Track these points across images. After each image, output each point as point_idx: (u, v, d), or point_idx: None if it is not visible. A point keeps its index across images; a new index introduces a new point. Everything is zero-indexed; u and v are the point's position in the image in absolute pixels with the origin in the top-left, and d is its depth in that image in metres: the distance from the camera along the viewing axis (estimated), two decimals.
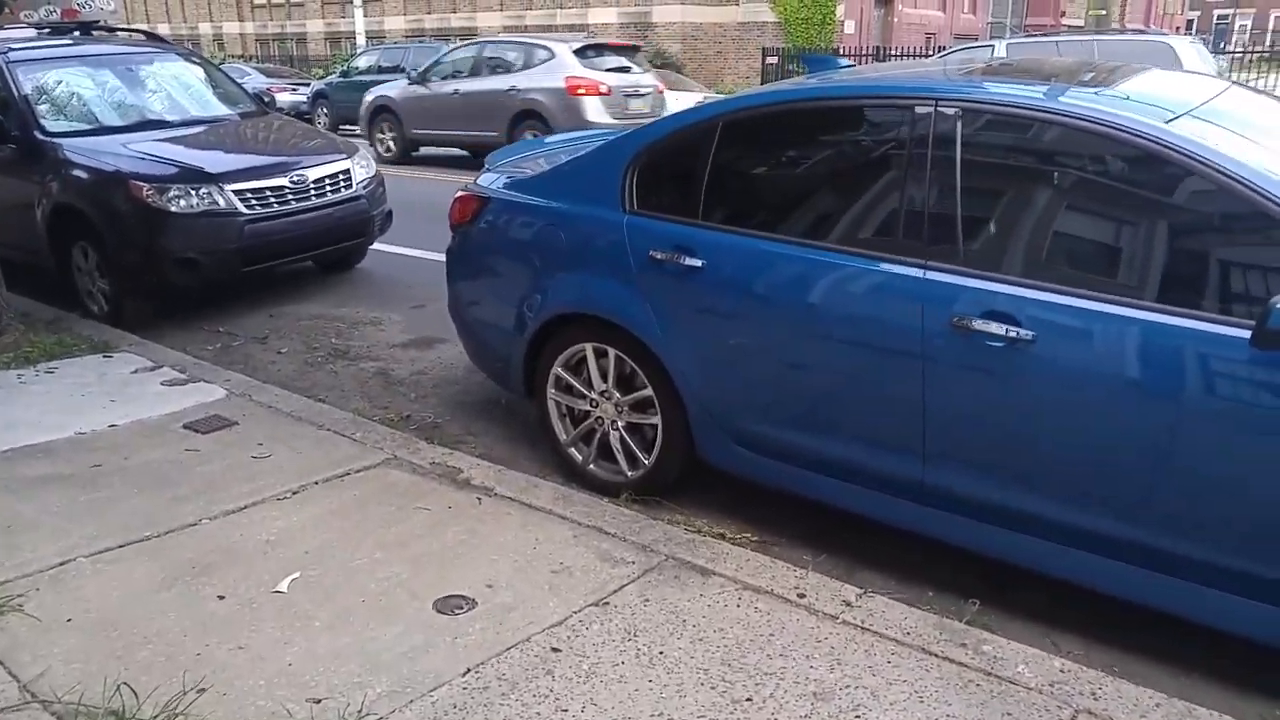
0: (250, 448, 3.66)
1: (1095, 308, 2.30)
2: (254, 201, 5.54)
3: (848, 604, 2.57)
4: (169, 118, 6.28)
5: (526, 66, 12.16)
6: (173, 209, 5.30)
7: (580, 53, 12.00)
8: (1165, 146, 2.26)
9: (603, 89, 11.64)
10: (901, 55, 20.02)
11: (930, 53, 20.90)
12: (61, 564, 2.77)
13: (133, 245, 5.38)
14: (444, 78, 13.06)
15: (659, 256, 3.06)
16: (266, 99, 7.53)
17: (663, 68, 19.73)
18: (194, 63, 7.15)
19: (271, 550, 2.88)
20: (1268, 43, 19.85)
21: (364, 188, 6.18)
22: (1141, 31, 11.53)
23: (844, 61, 3.28)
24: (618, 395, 3.35)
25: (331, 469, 3.47)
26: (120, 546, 2.88)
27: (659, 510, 3.30)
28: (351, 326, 5.67)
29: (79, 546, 2.87)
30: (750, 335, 2.91)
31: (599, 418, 3.43)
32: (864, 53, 21.75)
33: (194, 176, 5.43)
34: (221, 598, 2.61)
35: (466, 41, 15.44)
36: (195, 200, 5.36)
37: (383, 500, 3.23)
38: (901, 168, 2.65)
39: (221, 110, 6.67)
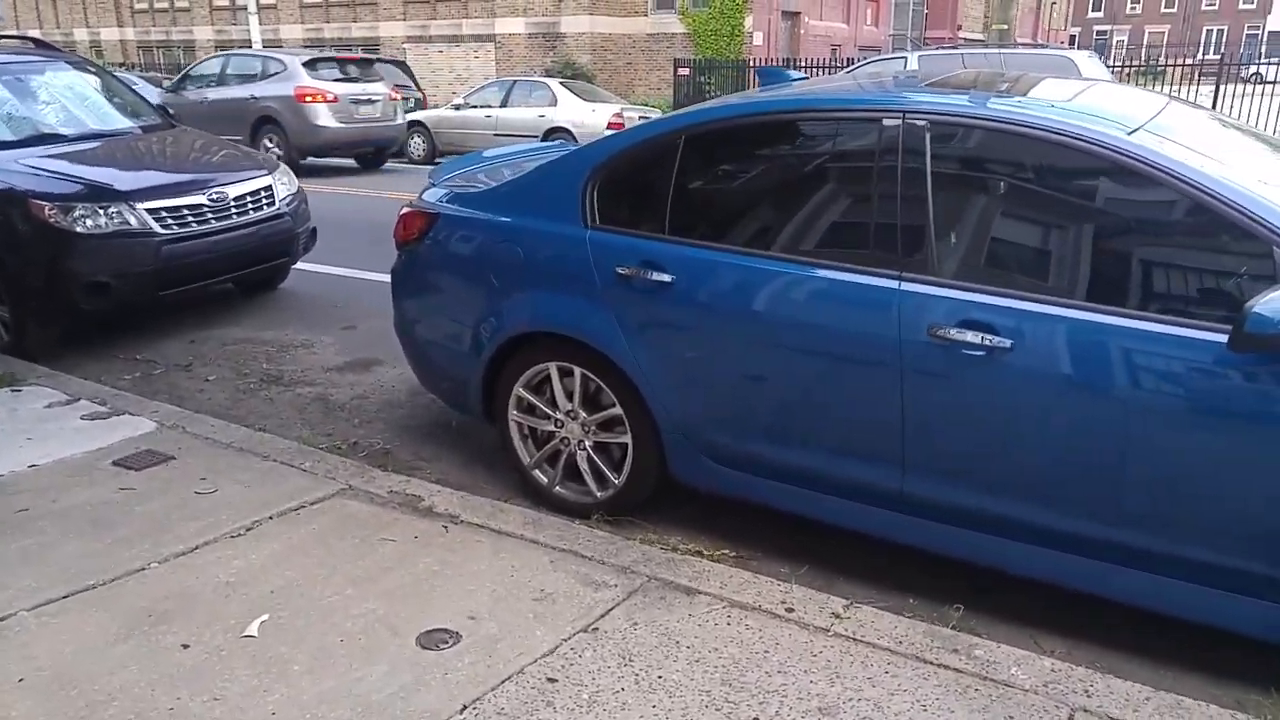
0: (191, 483, 3.46)
1: (1069, 315, 2.37)
2: (170, 221, 5.27)
3: (836, 616, 2.58)
4: (66, 131, 5.91)
5: (264, 77, 13.74)
6: (78, 229, 5.00)
7: (311, 65, 13.69)
8: (1131, 158, 2.35)
9: (329, 96, 13.31)
10: (810, 67, 20.52)
11: (837, 65, 21.47)
12: (1, 619, 2.55)
13: (35, 269, 5.04)
14: (197, 87, 14.35)
15: (625, 272, 3.03)
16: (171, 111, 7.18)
17: (573, 78, 19.76)
18: (89, 72, 6.77)
19: (233, 592, 2.72)
20: (1143, 57, 21.08)
21: (287, 205, 5.96)
22: (1043, 46, 12.05)
23: (795, 75, 3.30)
24: (584, 415, 3.29)
25: (284, 502, 3.31)
26: (64, 597, 2.67)
27: (632, 530, 3.26)
28: (281, 350, 5.45)
29: (18, 599, 2.65)
30: (723, 350, 2.90)
31: (564, 438, 3.37)
32: (774, 64, 22.16)
33: (101, 194, 5.13)
34: (186, 646, 2.45)
35: (212, 55, 16.62)
36: (104, 220, 5.06)
37: (344, 533, 3.10)
38: (871, 180, 2.69)
39: (124, 123, 6.34)
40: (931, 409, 2.55)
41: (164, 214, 5.24)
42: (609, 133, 3.35)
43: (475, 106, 15.68)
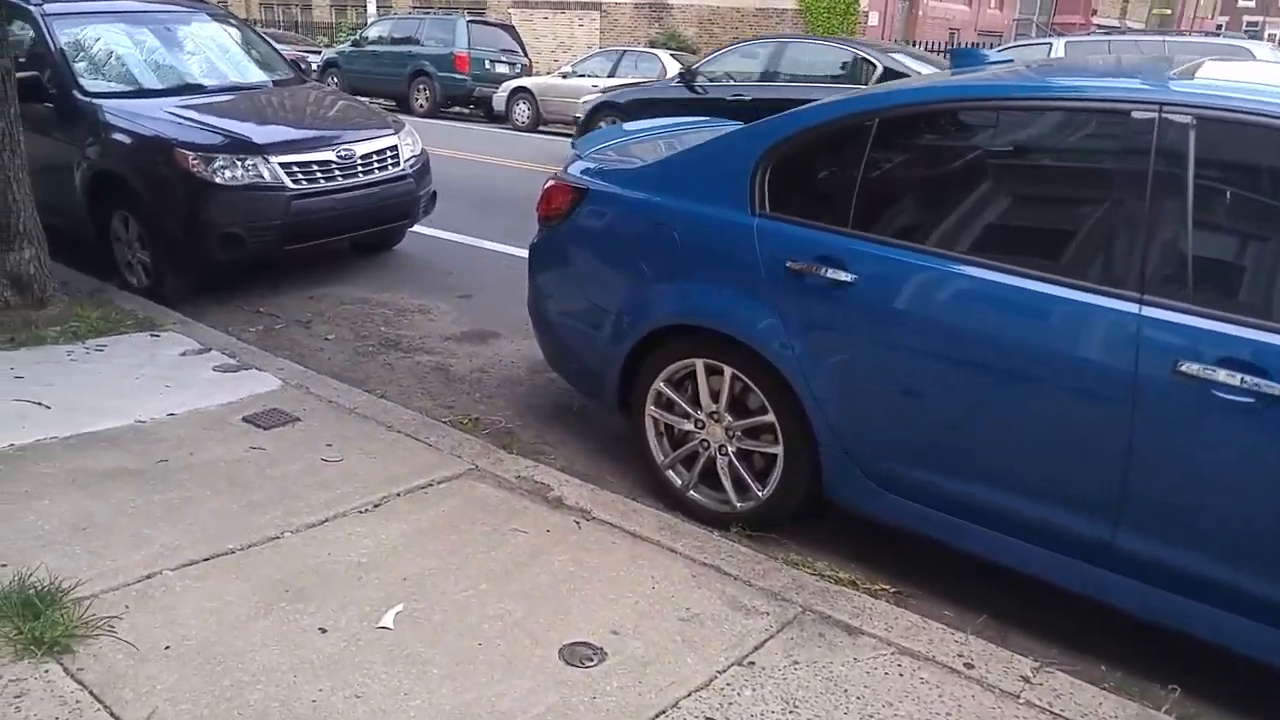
0: (318, 448, 3.40)
1: None
2: (300, 176, 5.24)
3: (1025, 680, 2.31)
4: (208, 82, 5.97)
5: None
6: (218, 180, 5.01)
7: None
8: None
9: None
10: (929, 49, 19.81)
11: (950, 46, 20.65)
12: (148, 577, 2.51)
13: (175, 217, 5.08)
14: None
15: (797, 267, 2.80)
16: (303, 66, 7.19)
17: (679, 50, 19.41)
18: (230, 25, 6.81)
19: (365, 575, 2.63)
20: None
21: (410, 166, 5.88)
22: (1213, 34, 11.23)
23: (992, 56, 3.00)
24: (729, 419, 3.10)
25: (412, 479, 3.22)
26: (205, 560, 2.62)
27: (774, 547, 3.07)
28: (399, 314, 5.40)
29: (162, 557, 2.61)
30: (908, 363, 2.65)
31: (704, 440, 3.19)
32: (891, 41, 21.44)
33: (241, 147, 5.13)
34: (324, 630, 2.36)
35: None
36: (241, 172, 5.06)
37: (474, 519, 2.98)
38: (1109, 183, 2.39)
39: (260, 76, 6.36)
40: (1165, 458, 2.24)
41: (295, 169, 5.21)
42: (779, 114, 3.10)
43: (582, 75, 15.49)
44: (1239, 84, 2.35)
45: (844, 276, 2.71)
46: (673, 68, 14.64)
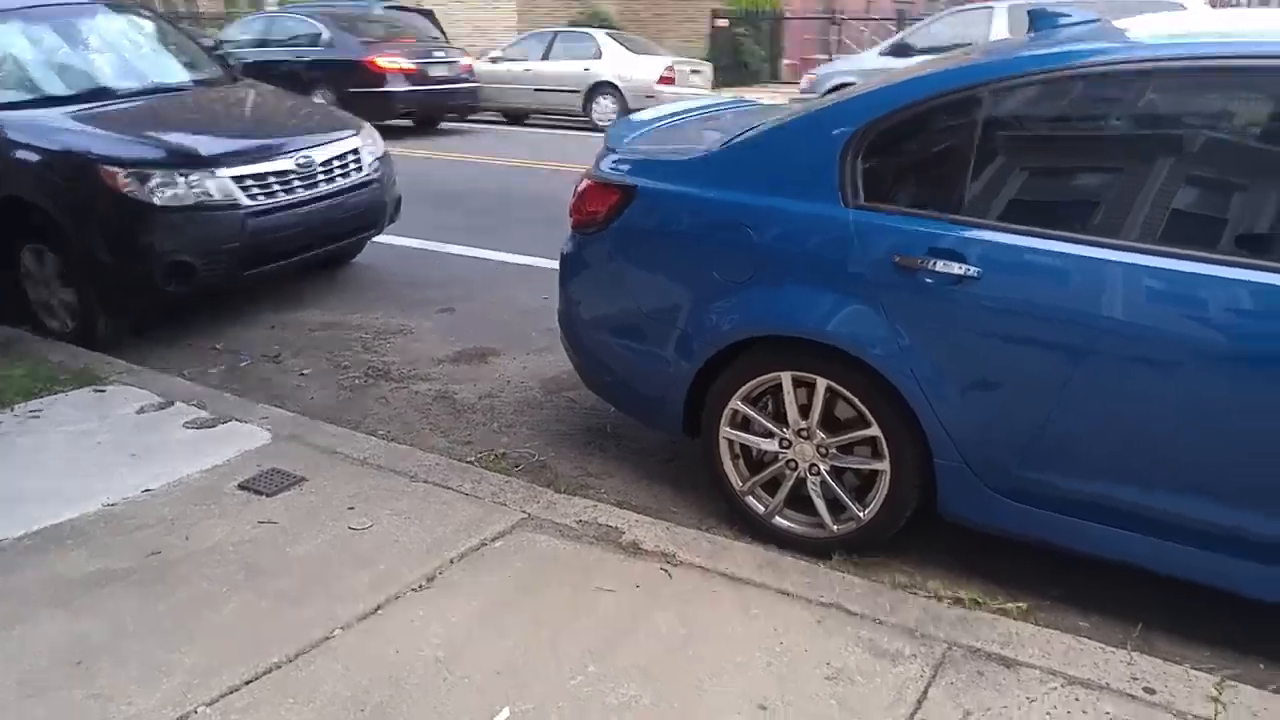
0: (340, 514, 2.91)
1: None
2: (256, 190, 4.65)
3: (1216, 700, 2.05)
4: (125, 85, 5.25)
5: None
6: (157, 201, 4.38)
7: None
8: None
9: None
10: (850, 19, 19.82)
11: (878, 17, 20.60)
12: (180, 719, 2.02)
13: (107, 247, 4.43)
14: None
15: (907, 263, 2.43)
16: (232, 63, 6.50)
17: (601, 27, 18.87)
18: (144, 16, 6.08)
19: (450, 674, 2.18)
20: None
21: (375, 170, 5.33)
22: None
23: (1076, 15, 2.71)
24: (822, 435, 2.73)
25: (460, 540, 2.76)
26: (248, 683, 2.13)
27: (879, 571, 2.72)
28: (378, 338, 4.86)
29: (192, 688, 2.11)
30: (1046, 363, 2.32)
31: (791, 460, 2.81)
32: (805, 15, 21.30)
33: (182, 159, 4.51)
34: None
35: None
36: (184, 190, 4.44)
37: (548, 581, 2.56)
38: None
39: (184, 76, 5.68)
40: None
41: (249, 182, 4.62)
42: (859, 87, 2.73)
43: (514, 60, 14.88)
44: None
45: (965, 270, 2.36)
46: (609, 48, 14.15)
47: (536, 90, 14.55)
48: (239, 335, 4.93)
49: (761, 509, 2.91)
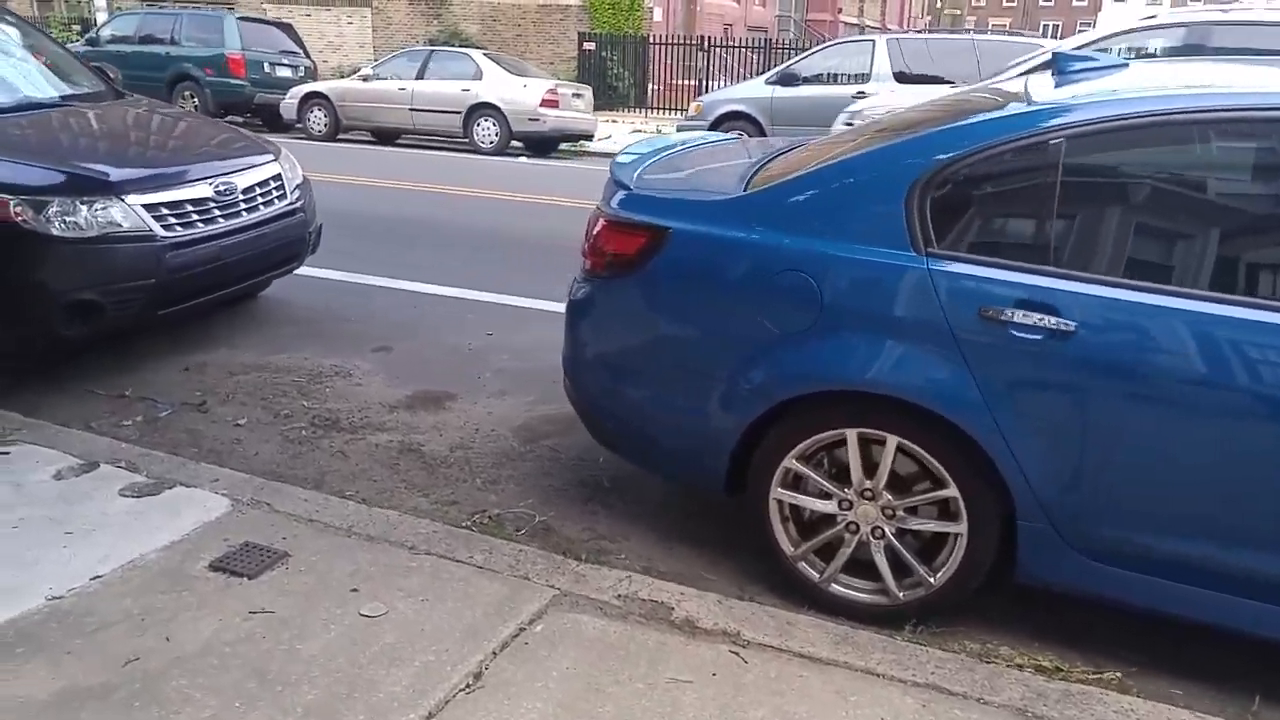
0: (342, 598, 2.52)
1: None
2: (172, 220, 4.11)
3: None
4: None
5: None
6: (54, 232, 3.79)
7: None
8: None
9: None
10: (712, 47, 20.21)
11: (734, 44, 21.11)
12: None
13: None
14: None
15: (995, 316, 2.32)
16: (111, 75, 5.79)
17: (463, 47, 18.46)
18: (7, 22, 5.35)
19: None
20: None
21: (297, 198, 4.84)
22: (1015, 33, 11.94)
23: (1106, 59, 2.67)
24: (889, 496, 2.57)
25: (495, 626, 2.43)
26: None
27: (949, 640, 2.59)
28: (313, 381, 4.38)
29: None
30: (1152, 422, 2.24)
31: (851, 523, 2.64)
32: (671, 40, 21.59)
33: (82, 185, 3.92)
34: None
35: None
36: (87, 218, 3.87)
37: (613, 674, 2.27)
38: None
39: (64, 89, 5.02)
40: None
41: (164, 211, 4.07)
42: (919, 128, 2.60)
43: (386, 79, 14.26)
44: None
45: (1060, 324, 2.26)
46: (489, 69, 13.78)
47: (413, 110, 14.01)
48: (149, 380, 4.33)
49: (815, 575, 2.72)
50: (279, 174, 4.73)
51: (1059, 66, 2.83)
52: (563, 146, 14.71)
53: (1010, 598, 2.68)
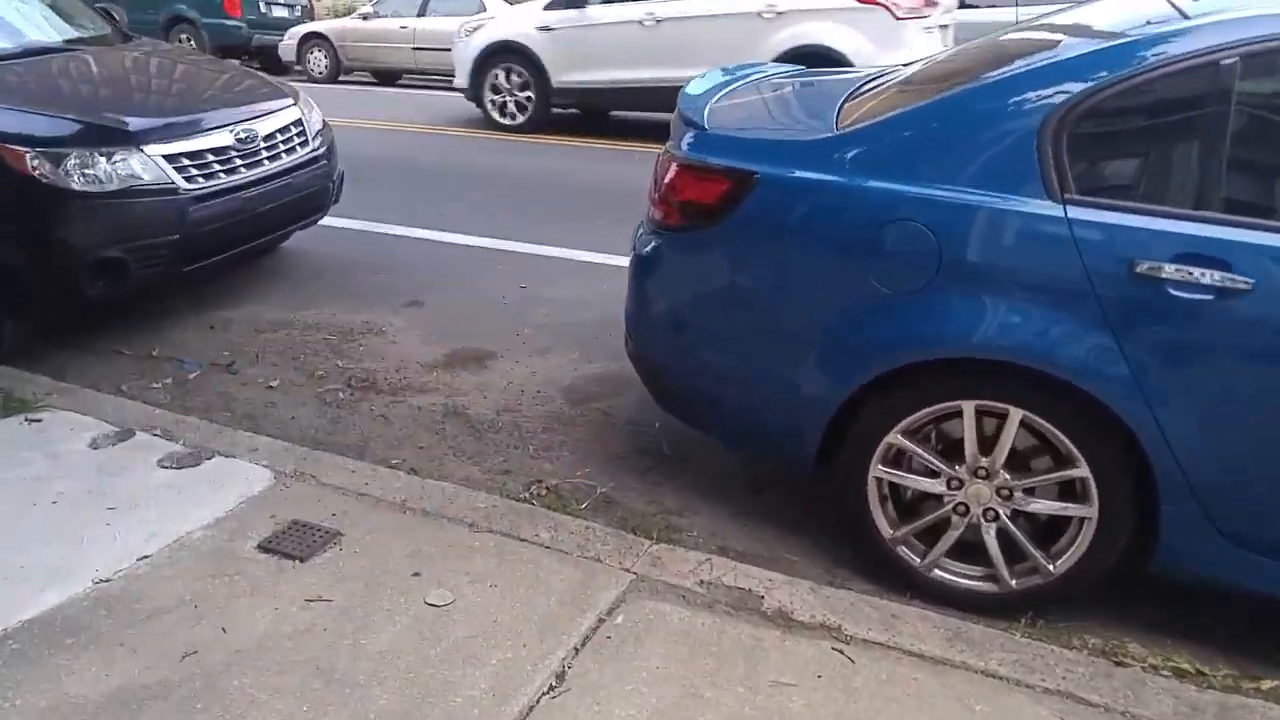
0: (405, 583, 2.31)
1: None
2: (194, 171, 3.82)
3: None
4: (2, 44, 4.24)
5: None
6: (75, 185, 3.51)
7: None
8: None
9: None
10: None
11: None
12: None
13: (15, 245, 3.54)
14: None
15: (1152, 271, 2.03)
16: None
17: None
18: None
19: None
20: None
21: (320, 144, 4.54)
22: None
23: None
24: (1006, 475, 2.33)
25: (573, 616, 2.22)
26: None
27: (1067, 635, 2.36)
28: (345, 339, 4.13)
29: None
30: None
31: (960, 504, 2.40)
32: None
33: (101, 135, 3.63)
34: None
35: None
36: (108, 171, 3.58)
37: (711, 677, 2.05)
38: None
39: (67, 32, 4.68)
40: None
41: (185, 161, 3.78)
42: (1058, 51, 2.30)
43: (387, 16, 13.70)
44: None
45: (1231, 281, 1.99)
46: (494, 5, 13.21)
47: (416, 49, 13.50)
48: (175, 338, 4.09)
49: (915, 559, 2.49)
50: (300, 119, 4.42)
51: None
52: None
53: (1118, 587, 2.45)
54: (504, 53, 9.02)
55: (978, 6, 9.31)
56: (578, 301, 4.57)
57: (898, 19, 7.49)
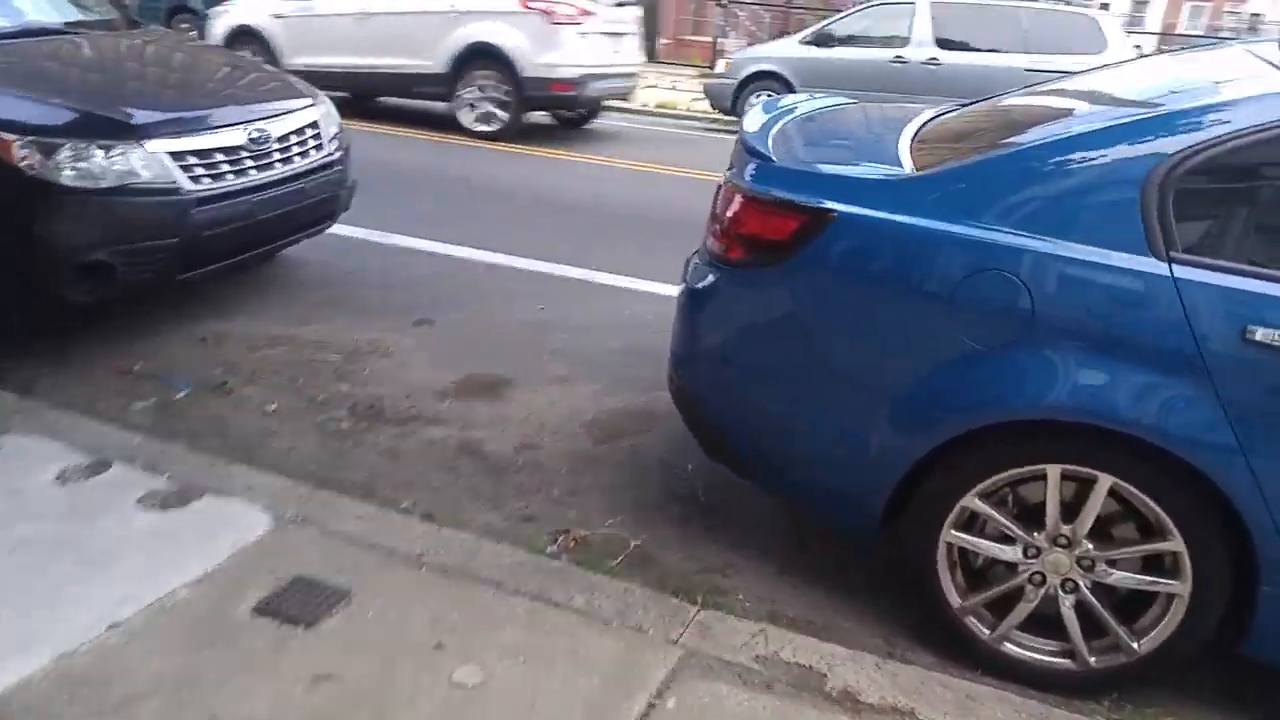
0: (427, 658, 2.05)
1: None
2: (200, 171, 3.55)
3: None
4: None
5: None
6: (64, 180, 3.23)
7: None
8: None
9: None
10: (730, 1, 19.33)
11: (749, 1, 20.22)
12: None
13: None
14: None
15: (1270, 340, 1.83)
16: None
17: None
18: None
19: None
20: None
21: (336, 149, 4.28)
22: (1062, 2, 11.28)
23: None
24: (1089, 545, 2.11)
25: (619, 701, 1.97)
26: None
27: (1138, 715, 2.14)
28: (349, 359, 3.86)
29: None
30: None
31: (1036, 573, 2.18)
32: None
33: (102, 127, 3.36)
34: None
35: None
36: (103, 166, 3.31)
37: None
38: None
39: (70, 14, 4.40)
40: None
41: (191, 160, 3.51)
42: (1162, 104, 2.08)
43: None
44: None
45: None
46: None
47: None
48: (162, 352, 3.80)
49: (985, 632, 2.26)
50: (316, 121, 4.16)
51: None
52: None
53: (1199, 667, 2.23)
54: (245, 35, 10.16)
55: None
56: (598, 325, 4.34)
57: (553, 24, 8.70)
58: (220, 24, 10.38)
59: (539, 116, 10.07)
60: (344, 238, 5.21)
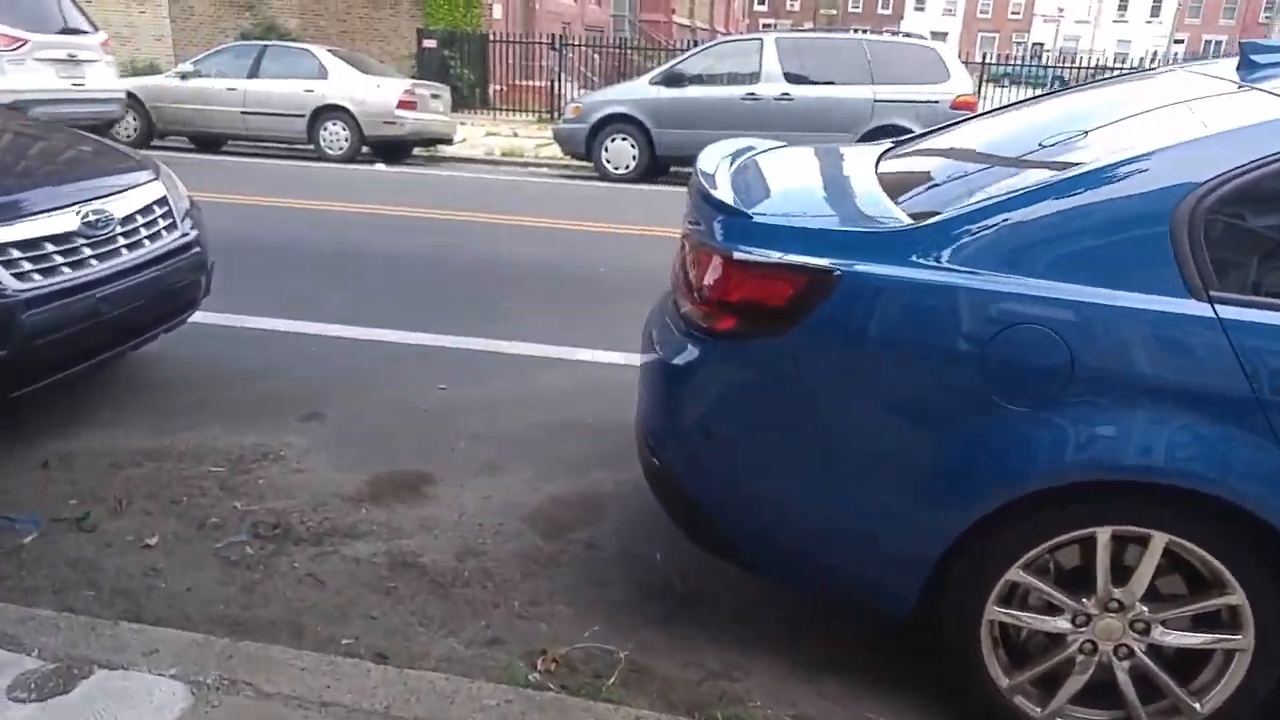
0: None
1: None
2: (28, 265, 2.98)
3: None
4: None
5: None
6: None
7: None
8: None
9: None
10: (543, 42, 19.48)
11: (574, 43, 20.38)
12: None
13: None
14: None
15: None
16: None
17: (280, 38, 16.80)
18: None
19: None
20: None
21: (190, 227, 3.74)
22: (906, 35, 11.81)
23: None
24: (1143, 608, 1.98)
25: None
26: None
27: None
28: (235, 470, 3.33)
29: None
30: None
31: (1087, 642, 2.02)
32: (512, 39, 20.61)
33: None
34: None
35: None
36: None
37: None
38: None
39: None
40: None
41: (14, 253, 2.94)
42: (1180, 138, 1.99)
43: (210, 75, 12.58)
44: None
45: None
46: (336, 67, 12.39)
47: (245, 113, 12.46)
48: None
49: (1037, 710, 2.09)
50: (165, 196, 3.62)
51: (1245, 52, 2.34)
52: (416, 151, 13.54)
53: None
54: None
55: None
56: (509, 401, 3.99)
57: None
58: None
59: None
60: (199, 324, 4.60)
